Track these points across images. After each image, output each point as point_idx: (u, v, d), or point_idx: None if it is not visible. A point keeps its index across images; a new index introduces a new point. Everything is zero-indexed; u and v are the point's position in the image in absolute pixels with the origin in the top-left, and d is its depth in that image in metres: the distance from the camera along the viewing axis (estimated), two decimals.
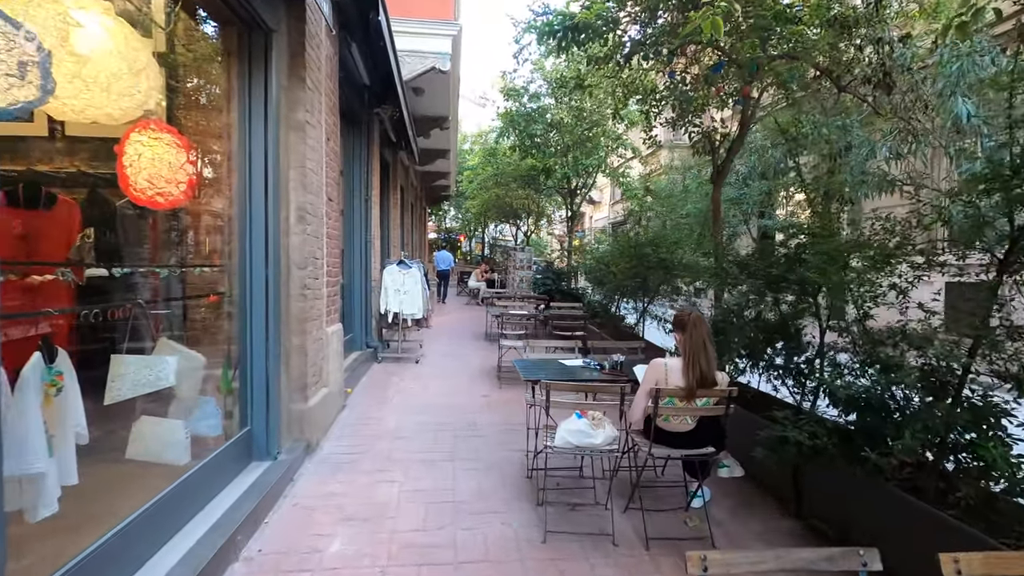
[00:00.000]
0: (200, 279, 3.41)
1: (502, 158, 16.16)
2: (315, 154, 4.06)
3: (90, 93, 2.30)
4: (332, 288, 4.68)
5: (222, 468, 3.02)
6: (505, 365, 6.53)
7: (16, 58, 1.86)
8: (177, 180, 2.87)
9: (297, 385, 3.86)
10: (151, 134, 2.78)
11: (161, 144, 2.79)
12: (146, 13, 2.82)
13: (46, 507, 1.77)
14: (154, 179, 2.76)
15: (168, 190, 2.85)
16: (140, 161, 2.72)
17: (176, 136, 2.88)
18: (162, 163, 2.78)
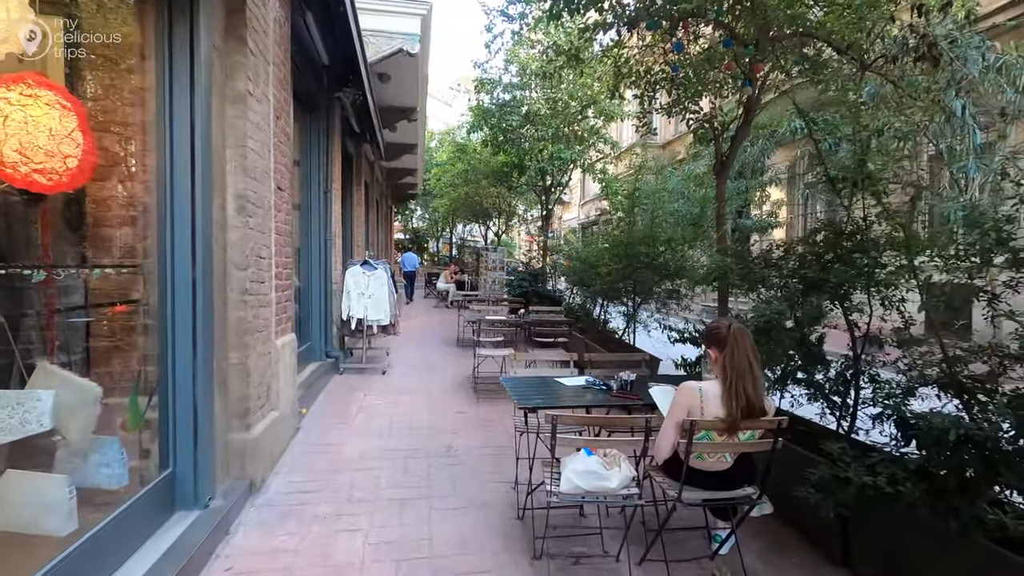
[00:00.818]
0: (106, 284, 2.70)
1: (472, 155, 15.53)
2: (260, 133, 3.39)
3: None
4: (283, 292, 4.00)
5: (130, 528, 2.33)
6: (482, 376, 5.94)
7: None
8: (64, 154, 2.18)
9: (237, 411, 3.17)
10: (23, 90, 2.09)
11: (38, 104, 2.10)
12: None
13: None
14: (28, 150, 2.06)
15: (51, 166, 2.16)
16: (6, 125, 2.03)
17: (62, 96, 2.18)
18: (39, 129, 2.09)
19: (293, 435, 4.14)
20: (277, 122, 3.83)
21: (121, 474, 2.31)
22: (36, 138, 2.08)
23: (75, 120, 2.22)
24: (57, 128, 2.14)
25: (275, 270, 3.74)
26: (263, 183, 3.46)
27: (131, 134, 2.70)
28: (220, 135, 3.05)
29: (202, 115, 2.73)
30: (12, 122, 2.03)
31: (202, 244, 2.74)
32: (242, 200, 3.16)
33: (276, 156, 3.79)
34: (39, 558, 1.84)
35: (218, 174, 3.02)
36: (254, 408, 3.28)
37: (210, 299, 2.84)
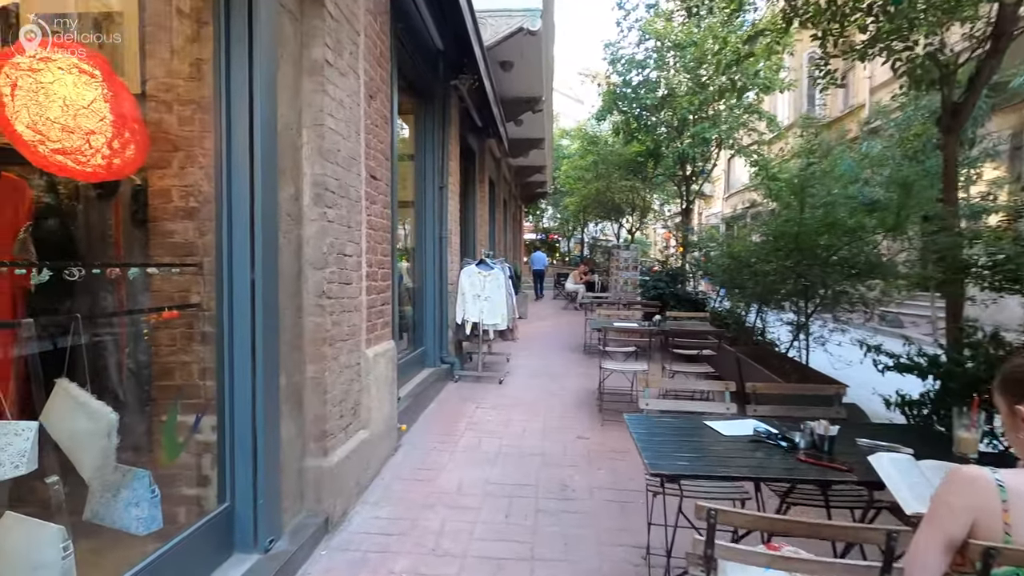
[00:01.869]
0: (166, 285, 2.38)
1: (603, 146, 14.58)
2: (344, 111, 2.93)
3: None
4: (378, 295, 3.55)
5: None
6: (609, 392, 5.09)
7: None
8: (86, 129, 1.80)
9: (313, 434, 2.73)
10: (39, 54, 1.74)
11: (50, 69, 1.73)
12: None
13: None
14: (41, 125, 1.70)
15: (74, 146, 1.79)
16: (18, 97, 1.68)
17: (82, 56, 1.81)
18: (52, 100, 1.72)
19: (390, 456, 3.68)
20: (371, 102, 3.38)
21: (152, 517, 1.90)
22: (47, 111, 1.72)
23: (100, 88, 1.85)
24: (72, 97, 1.78)
25: (365, 269, 3.29)
26: (348, 169, 3.01)
27: (191, 114, 2.34)
28: (293, 112, 2.62)
29: (263, 85, 2.29)
30: (22, 93, 1.69)
31: (263, 240, 2.30)
32: (319, 188, 2.70)
33: (369, 140, 3.34)
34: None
35: (289, 158, 2.58)
36: (334, 430, 2.83)
37: (273, 304, 2.40)
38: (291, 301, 2.60)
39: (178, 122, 2.35)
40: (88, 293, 2.49)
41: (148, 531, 1.89)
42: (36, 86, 1.70)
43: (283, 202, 2.52)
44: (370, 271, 3.37)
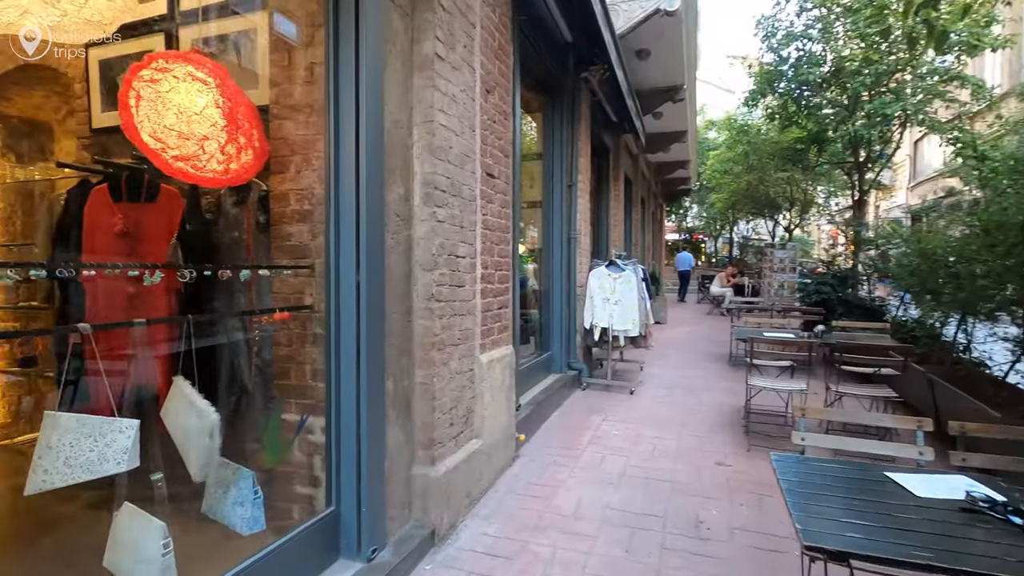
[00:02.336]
0: (283, 287, 2.44)
1: (755, 135, 13.18)
2: (457, 107, 2.81)
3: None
4: (496, 298, 3.40)
5: None
6: (757, 411, 4.42)
7: None
8: (199, 135, 1.85)
9: (421, 441, 2.64)
10: (158, 65, 1.81)
11: (167, 79, 1.80)
12: None
13: None
14: (160, 133, 1.77)
15: (190, 152, 1.85)
16: (141, 107, 1.76)
17: (198, 65, 1.86)
18: (168, 108, 1.78)
19: (505, 467, 3.51)
20: (488, 97, 3.24)
21: (255, 518, 1.91)
22: (165, 119, 1.78)
23: (211, 93, 1.89)
24: (186, 105, 1.83)
25: (481, 271, 3.15)
26: (461, 167, 2.89)
27: (306, 117, 2.37)
28: (403, 109, 2.55)
29: (369, 83, 2.23)
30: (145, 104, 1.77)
31: (367, 240, 2.24)
32: (429, 187, 2.61)
33: (485, 137, 3.20)
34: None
35: (398, 156, 2.52)
36: (443, 438, 2.71)
37: (379, 307, 2.33)
38: (399, 304, 2.54)
39: (295, 126, 2.39)
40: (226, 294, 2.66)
41: (251, 531, 1.90)
42: (155, 95, 1.77)
43: (391, 202, 2.46)
44: (486, 273, 3.23)
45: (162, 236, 2.79)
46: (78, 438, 1.47)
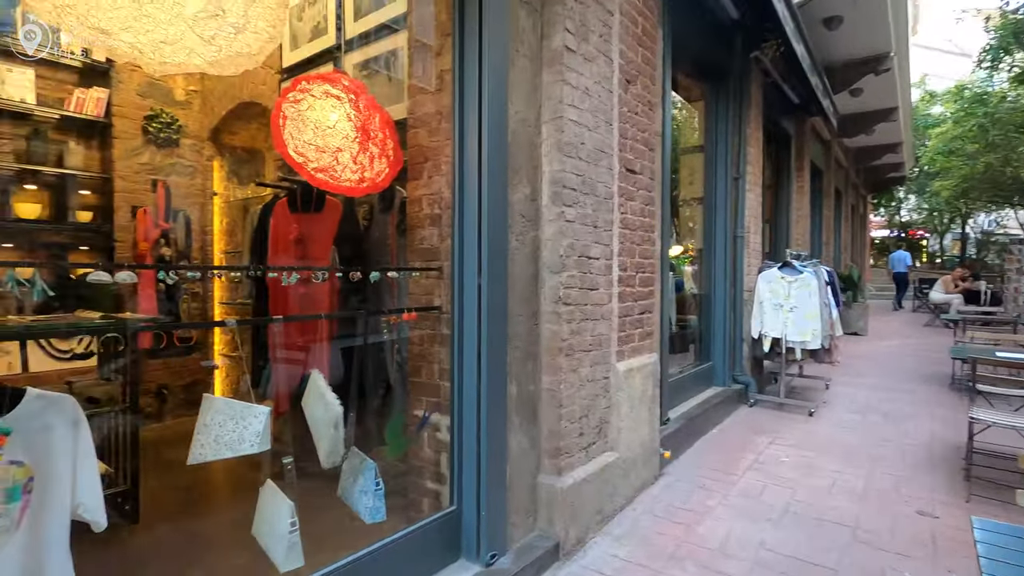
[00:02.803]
0: (416, 288, 2.54)
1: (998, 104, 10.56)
2: (589, 101, 2.68)
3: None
4: (636, 303, 3.17)
5: (393, 567, 1.99)
6: (983, 451, 3.47)
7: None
8: (333, 148, 2.01)
9: (547, 450, 2.56)
10: (302, 86, 2.01)
11: (306, 98, 1.98)
12: None
13: None
14: (301, 147, 1.96)
15: (327, 164, 2.02)
16: (286, 126, 1.97)
17: (333, 83, 2.02)
18: (306, 124, 1.96)
19: (646, 485, 3.25)
20: (628, 88, 3.04)
21: (376, 508, 2.01)
22: (304, 134, 1.96)
23: (342, 107, 2.04)
24: (321, 120, 1.99)
25: (618, 273, 2.96)
26: (595, 163, 2.74)
27: (436, 124, 2.45)
28: (530, 107, 2.50)
29: (491, 84, 2.22)
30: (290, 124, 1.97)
31: (489, 242, 2.22)
32: (557, 186, 2.51)
33: (624, 130, 3.00)
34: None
35: (524, 156, 2.47)
36: (571, 448, 2.59)
37: (501, 310, 2.30)
38: (524, 307, 2.48)
39: (428, 134, 2.49)
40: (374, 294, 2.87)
41: (372, 520, 2.00)
42: (296, 114, 1.96)
43: (516, 203, 2.42)
44: (624, 275, 3.03)
45: (326, 241, 3.12)
46: (225, 419, 1.68)
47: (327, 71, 2.19)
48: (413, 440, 2.42)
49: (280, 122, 1.95)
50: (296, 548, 1.74)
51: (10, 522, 1.30)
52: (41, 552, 1.34)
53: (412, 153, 2.54)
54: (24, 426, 1.31)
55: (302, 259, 3.14)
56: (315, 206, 3.11)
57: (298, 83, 2.01)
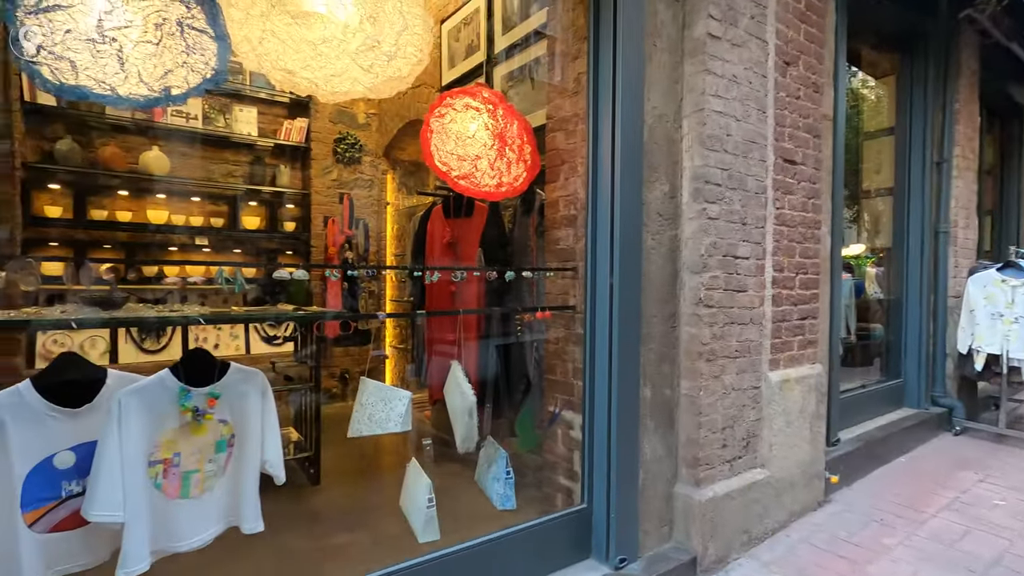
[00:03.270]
0: (553, 288, 2.61)
1: None
2: (735, 89, 2.50)
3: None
4: (793, 307, 2.87)
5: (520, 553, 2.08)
6: None
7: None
8: (473, 156, 2.18)
9: (685, 458, 2.44)
10: (446, 102, 2.20)
11: (448, 112, 2.16)
12: None
13: (124, 566, 1.40)
14: (444, 157, 2.16)
15: (467, 171, 2.20)
16: (432, 139, 2.18)
17: (474, 96, 2.19)
18: (448, 135, 2.15)
19: (806, 511, 2.91)
20: (787, 70, 2.77)
21: (506, 496, 2.12)
22: (447, 144, 2.15)
23: (481, 118, 2.18)
24: (461, 132, 2.16)
25: (771, 274, 2.71)
26: (744, 156, 2.54)
27: (573, 126, 2.49)
28: (669, 102, 2.42)
29: (626, 80, 2.19)
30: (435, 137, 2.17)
31: (621, 241, 2.20)
32: (698, 182, 2.39)
33: (782, 117, 2.74)
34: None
35: (662, 152, 2.39)
36: (711, 459, 2.44)
37: (634, 311, 2.26)
38: (661, 308, 2.40)
39: (564, 137, 2.54)
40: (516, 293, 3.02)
41: (502, 507, 2.11)
42: (440, 127, 2.15)
43: (652, 201, 2.35)
44: (779, 276, 2.76)
45: (474, 244, 3.35)
46: (376, 400, 1.91)
47: (470, 86, 2.36)
48: (544, 435, 2.49)
49: (427, 135, 2.16)
50: (432, 523, 1.91)
51: (218, 467, 1.64)
52: (239, 493, 1.66)
53: (550, 156, 2.61)
54: (228, 392, 1.64)
55: (454, 261, 3.41)
56: (465, 211, 3.36)
57: (443, 99, 2.21)
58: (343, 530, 2.62)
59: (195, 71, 1.59)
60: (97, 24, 1.46)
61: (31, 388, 1.35)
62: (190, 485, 1.56)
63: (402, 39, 1.92)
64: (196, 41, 1.57)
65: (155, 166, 4.18)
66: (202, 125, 4.44)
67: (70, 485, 1.41)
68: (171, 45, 1.53)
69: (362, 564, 1.76)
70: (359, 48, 1.88)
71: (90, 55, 1.48)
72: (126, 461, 1.42)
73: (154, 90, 1.56)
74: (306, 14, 1.82)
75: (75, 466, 1.41)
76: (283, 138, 4.81)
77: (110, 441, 1.39)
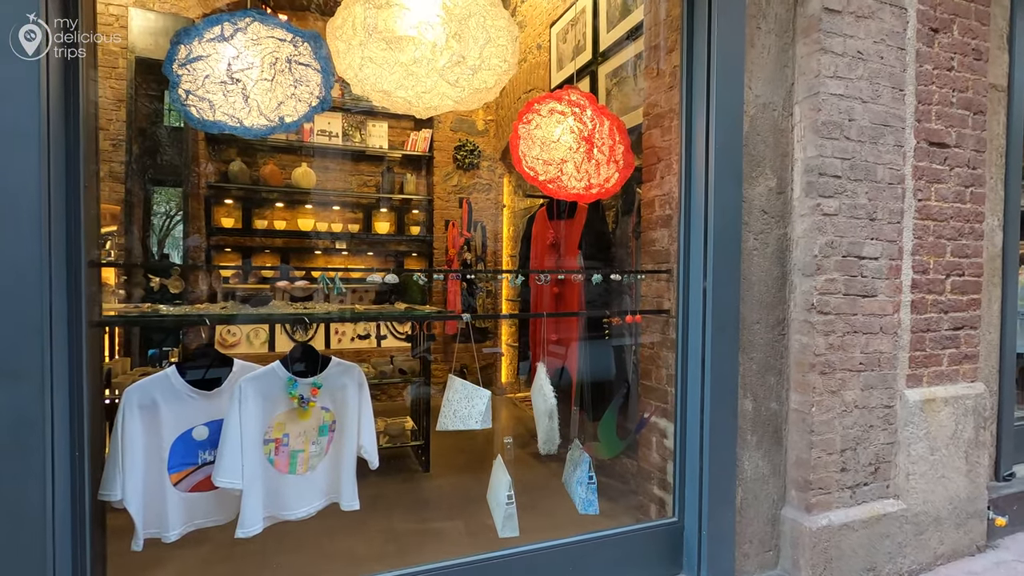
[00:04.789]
0: (648, 291, 2.52)
1: None
2: (860, 67, 2.21)
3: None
4: (941, 315, 2.45)
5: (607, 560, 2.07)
6: None
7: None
8: (558, 160, 2.20)
9: (795, 480, 2.23)
10: (533, 108, 2.24)
11: (533, 118, 2.21)
12: None
13: (242, 527, 1.66)
14: (531, 161, 2.21)
15: (553, 175, 2.23)
16: (520, 146, 2.24)
17: (559, 100, 2.21)
18: (534, 140, 2.19)
19: (960, 555, 2.47)
20: (935, 38, 2.38)
21: (589, 500, 2.10)
22: (532, 149, 2.19)
23: (565, 121, 2.19)
24: (546, 137, 2.18)
25: (910, 277, 2.35)
26: (871, 142, 2.24)
27: (668, 123, 2.39)
28: (777, 88, 2.21)
29: (722, 68, 2.06)
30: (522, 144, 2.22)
31: (716, 242, 2.07)
32: (812, 175, 2.16)
33: (926, 94, 2.36)
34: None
35: (767, 144, 2.20)
36: (827, 484, 2.19)
37: (731, 316, 2.10)
38: (765, 313, 2.21)
39: (660, 134, 2.44)
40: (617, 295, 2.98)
41: (584, 512, 2.10)
42: (527, 133, 2.19)
43: (755, 197, 2.17)
44: (922, 279, 2.37)
45: (575, 245, 3.35)
46: (460, 398, 2.02)
47: (559, 90, 2.36)
48: (629, 442, 2.42)
49: (516, 142, 2.22)
50: (512, 519, 1.97)
51: (321, 449, 1.85)
52: (340, 472, 1.87)
53: (646, 154, 2.53)
54: (329, 383, 1.85)
55: (557, 261, 3.44)
56: (568, 213, 3.37)
57: (531, 105, 2.25)
58: (444, 517, 2.80)
59: (302, 100, 1.81)
60: (227, 68, 1.74)
61: (176, 373, 1.66)
62: (297, 462, 1.79)
63: (486, 52, 2.00)
64: (302, 75, 1.79)
65: (304, 181, 4.77)
66: (341, 142, 4.98)
67: (204, 454, 1.70)
68: (282, 80, 1.77)
69: (455, 548, 1.88)
70: (446, 65, 2.00)
71: (222, 95, 1.76)
72: (245, 438, 1.68)
73: (272, 120, 1.82)
74: (399, 38, 1.97)
75: (208, 438, 1.70)
76: (410, 148, 5.20)
77: (232, 420, 1.66)
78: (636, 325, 2.62)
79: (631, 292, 2.79)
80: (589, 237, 3.12)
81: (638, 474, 2.52)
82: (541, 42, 4.42)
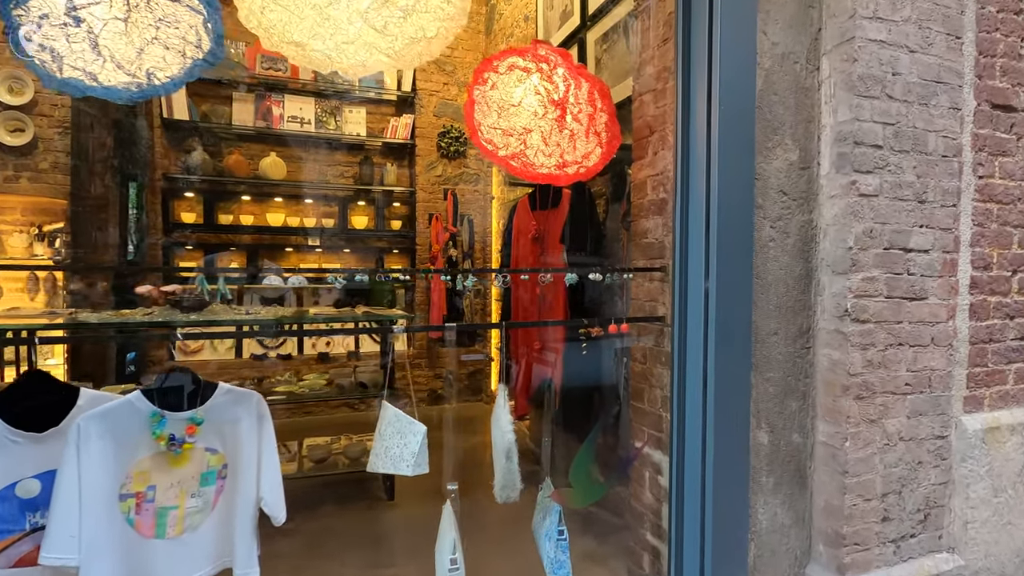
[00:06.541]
0: (639, 292, 2.07)
1: None
2: (905, 7, 1.73)
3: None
4: (1009, 320, 1.97)
5: None
6: None
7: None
8: (520, 129, 1.76)
9: (824, 532, 1.76)
10: (490, 66, 1.80)
11: (490, 77, 1.76)
12: None
13: None
14: (487, 133, 1.77)
15: (515, 150, 1.79)
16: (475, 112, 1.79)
17: (522, 54, 1.76)
18: (490, 106, 1.75)
19: None
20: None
21: (557, 561, 1.66)
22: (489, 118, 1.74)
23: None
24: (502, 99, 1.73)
25: (970, 274, 1.87)
26: (921, 102, 1.76)
27: (662, 85, 1.92)
28: (799, 35, 1.74)
29: (727, 12, 1.59)
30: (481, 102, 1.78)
31: (720, 232, 1.61)
32: (845, 145, 1.69)
33: (989, 42, 1.88)
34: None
35: (787, 105, 1.73)
36: (866, 536, 1.73)
37: (739, 324, 1.64)
38: (784, 322, 1.74)
39: (653, 98, 1.98)
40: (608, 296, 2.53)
41: (553, 575, 1.65)
42: (481, 97, 1.75)
43: (772, 174, 1.71)
44: (984, 277, 1.89)
45: (558, 238, 2.90)
46: (393, 432, 1.58)
47: (521, 46, 1.93)
48: (613, 483, 1.97)
49: (470, 109, 1.78)
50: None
51: (205, 503, 1.43)
52: (232, 531, 1.44)
53: (637, 127, 2.07)
54: (215, 416, 1.42)
55: (541, 256, 3.00)
56: (552, 202, 2.93)
57: (489, 62, 1.80)
58: (403, 559, 2.37)
59: (171, 48, 1.38)
60: (67, 1, 1.31)
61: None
62: (166, 523, 1.37)
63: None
64: (168, 12, 1.36)
65: (273, 171, 4.37)
66: (315, 129, 4.56)
67: (35, 516, 1.29)
68: (138, 20, 1.34)
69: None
70: (371, 5, 1.56)
71: (65, 40, 1.34)
72: (89, 493, 1.26)
73: (135, 75, 1.39)
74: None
75: (41, 495, 1.28)
76: (390, 136, 4.78)
77: (67, 471, 1.23)
78: (620, 335, 2.17)
79: (622, 293, 2.35)
80: (574, 228, 2.68)
81: (629, 512, 2.07)
82: (528, 13, 3.97)
